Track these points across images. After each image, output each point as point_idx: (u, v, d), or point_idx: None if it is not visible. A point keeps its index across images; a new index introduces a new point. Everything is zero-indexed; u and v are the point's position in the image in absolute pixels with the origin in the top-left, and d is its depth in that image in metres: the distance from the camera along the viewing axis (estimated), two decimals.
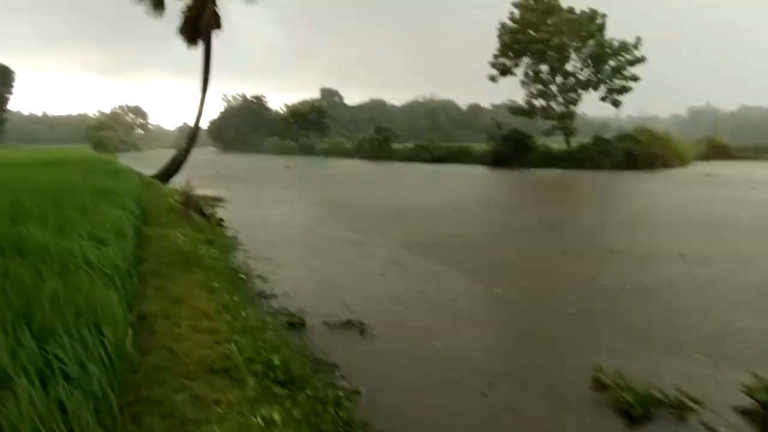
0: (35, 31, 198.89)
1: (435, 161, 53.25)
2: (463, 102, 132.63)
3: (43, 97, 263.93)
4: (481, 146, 55.34)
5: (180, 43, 24.64)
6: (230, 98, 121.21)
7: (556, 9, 43.75)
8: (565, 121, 46.75)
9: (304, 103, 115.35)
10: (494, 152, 48.12)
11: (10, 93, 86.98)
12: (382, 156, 62.54)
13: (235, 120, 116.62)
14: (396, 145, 65.65)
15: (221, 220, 14.61)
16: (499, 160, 46.38)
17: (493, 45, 47.83)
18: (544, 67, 46.17)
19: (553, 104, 47.26)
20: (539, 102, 48.01)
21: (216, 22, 24.05)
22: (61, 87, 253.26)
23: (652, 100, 45.15)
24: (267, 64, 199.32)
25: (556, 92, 46.71)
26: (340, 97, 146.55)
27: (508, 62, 46.61)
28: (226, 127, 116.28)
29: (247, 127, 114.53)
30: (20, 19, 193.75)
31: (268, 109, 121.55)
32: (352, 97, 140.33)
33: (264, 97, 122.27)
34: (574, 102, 47.00)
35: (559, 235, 13.26)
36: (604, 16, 44.21)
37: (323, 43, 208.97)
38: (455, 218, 16.34)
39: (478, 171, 42.79)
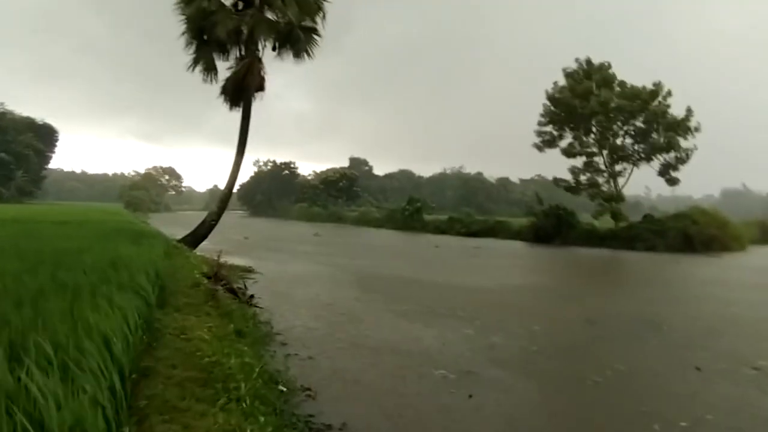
0: (85, 97, 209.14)
1: (470, 235, 51.16)
2: (491, 175, 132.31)
3: (84, 158, 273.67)
4: (518, 220, 53.17)
5: (214, 112, 23.69)
6: (261, 164, 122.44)
7: (609, 80, 42.52)
8: (613, 204, 44.39)
9: (333, 171, 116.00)
10: (535, 227, 45.83)
11: (53, 152, 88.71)
12: (414, 227, 60.74)
13: (265, 185, 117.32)
14: (428, 217, 63.88)
15: (252, 297, 12.47)
16: (539, 236, 44.09)
17: (523, 119, 46.93)
18: (589, 139, 44.49)
19: (599, 178, 45.19)
20: (584, 177, 45.94)
21: (260, 84, 22.96)
22: (102, 149, 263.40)
23: (684, 179, 42.57)
24: (297, 134, 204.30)
25: (603, 166, 44.73)
26: (369, 167, 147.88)
27: (555, 132, 45.06)
28: (256, 191, 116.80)
29: (276, 192, 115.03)
30: (73, 86, 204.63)
31: (297, 176, 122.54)
32: (381, 167, 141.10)
33: (294, 163, 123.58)
34: (620, 175, 44.85)
35: (666, 340, 10.69)
36: (668, 93, 42.71)
37: (353, 114, 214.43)
38: (520, 309, 13.92)
39: (517, 246, 40.43)
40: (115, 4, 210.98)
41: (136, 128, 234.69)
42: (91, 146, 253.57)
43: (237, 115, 23.61)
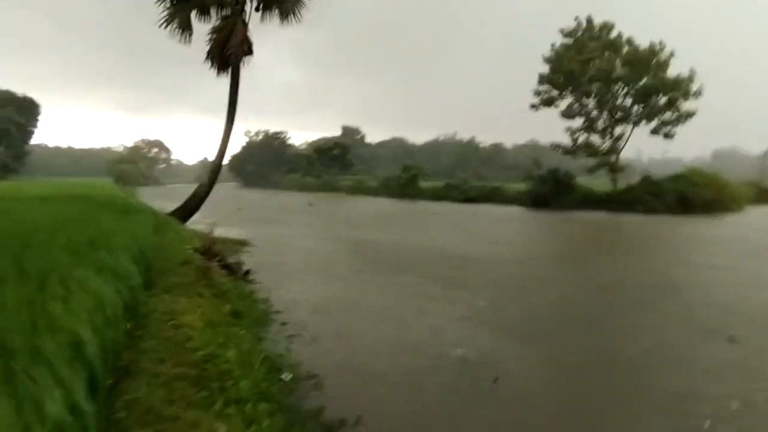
0: (65, 70, 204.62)
1: (467, 201, 50.51)
2: (483, 141, 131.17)
3: (70, 132, 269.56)
4: (515, 186, 52.49)
5: (202, 82, 22.49)
6: (252, 134, 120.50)
7: (611, 42, 41.36)
8: (609, 157, 43.71)
9: (326, 140, 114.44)
10: (532, 192, 45.16)
11: (35, 126, 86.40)
12: (410, 194, 59.97)
13: (257, 156, 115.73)
14: (424, 184, 63.05)
15: (248, 272, 11.74)
16: (537, 201, 43.44)
17: (515, 84, 45.81)
18: (589, 101, 43.49)
19: (598, 139, 44.46)
20: (582, 137, 45.13)
21: (247, 48, 21.76)
22: (87, 123, 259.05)
23: (674, 141, 41.78)
24: (288, 103, 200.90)
25: (603, 126, 43.84)
26: (362, 135, 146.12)
27: (554, 93, 44.02)
28: (247, 162, 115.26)
29: (268, 163, 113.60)
30: (52, 59, 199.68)
31: (289, 146, 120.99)
32: (374, 135, 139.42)
33: (286, 133, 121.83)
34: (620, 138, 44.06)
35: (688, 308, 10.08)
36: (671, 54, 41.59)
37: (343, 82, 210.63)
38: (530, 278, 13.28)
39: (515, 212, 39.85)
40: None
41: (122, 101, 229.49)
42: (76, 120, 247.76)
43: (225, 84, 22.53)
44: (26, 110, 79.84)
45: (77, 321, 3.76)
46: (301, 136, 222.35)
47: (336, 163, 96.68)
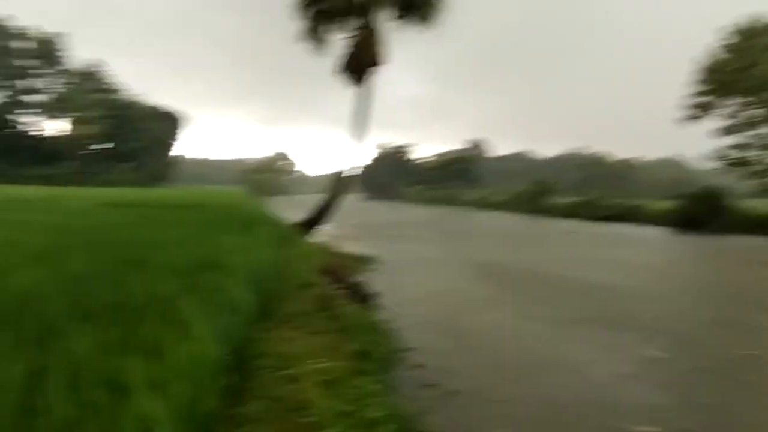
0: (212, 88, 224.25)
1: (600, 219, 46.60)
2: (613, 155, 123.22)
3: (210, 144, 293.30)
4: (658, 204, 47.65)
5: (332, 95, 22.21)
6: (382, 147, 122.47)
7: None
8: None
9: (451, 153, 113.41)
10: (679, 212, 40.43)
11: (179, 139, 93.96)
12: (539, 211, 56.80)
13: (382, 168, 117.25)
14: (555, 200, 59.51)
15: (373, 296, 10.63)
16: (685, 223, 38.74)
17: (648, 95, 41.12)
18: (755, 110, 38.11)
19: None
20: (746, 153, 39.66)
21: (380, 57, 21.10)
22: (226, 136, 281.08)
23: None
24: (414, 116, 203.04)
25: None
26: (487, 149, 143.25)
27: (707, 102, 39.19)
28: (374, 174, 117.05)
29: (393, 175, 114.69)
30: (198, 78, 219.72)
31: (414, 159, 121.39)
32: (499, 148, 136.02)
33: (411, 146, 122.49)
34: None
35: None
36: None
37: (469, 95, 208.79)
38: (712, 319, 10.91)
39: (660, 234, 35.72)
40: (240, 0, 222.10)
41: (257, 114, 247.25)
42: (217, 133, 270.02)
43: (354, 96, 22.09)
44: (173, 123, 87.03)
45: (156, 397, 2.71)
46: (426, 149, 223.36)
47: (461, 176, 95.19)
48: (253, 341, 5.03)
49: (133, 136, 78.80)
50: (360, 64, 20.84)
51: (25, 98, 76.45)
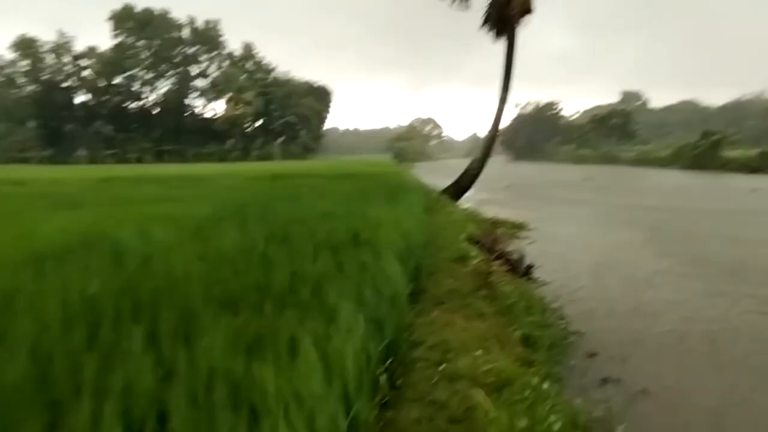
0: (356, 61, 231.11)
1: None
2: None
3: (359, 114, 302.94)
4: None
5: (473, 56, 21.01)
6: (522, 106, 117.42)
7: None
8: None
9: (602, 108, 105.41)
10: None
11: (328, 111, 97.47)
12: (710, 166, 50.50)
13: (528, 128, 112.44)
14: (730, 153, 52.45)
15: (530, 268, 9.66)
16: None
17: None
18: None
19: None
20: None
21: (527, 5, 19.46)
22: (372, 104, 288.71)
23: None
24: (561, 71, 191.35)
25: None
26: (643, 101, 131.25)
27: None
28: (518, 135, 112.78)
29: (540, 135, 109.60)
30: (345, 51, 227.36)
31: (562, 116, 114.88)
32: (659, 99, 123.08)
33: (558, 103, 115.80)
34: None
35: None
36: None
37: (621, 43, 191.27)
38: None
39: None
40: None
41: (401, 82, 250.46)
42: (365, 103, 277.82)
43: (496, 56, 20.74)
44: (322, 97, 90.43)
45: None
46: (574, 105, 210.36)
47: (615, 132, 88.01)
48: (407, 328, 4.48)
49: (285, 112, 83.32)
50: (505, 13, 19.36)
51: (193, 83, 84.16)
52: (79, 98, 77.07)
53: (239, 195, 12.28)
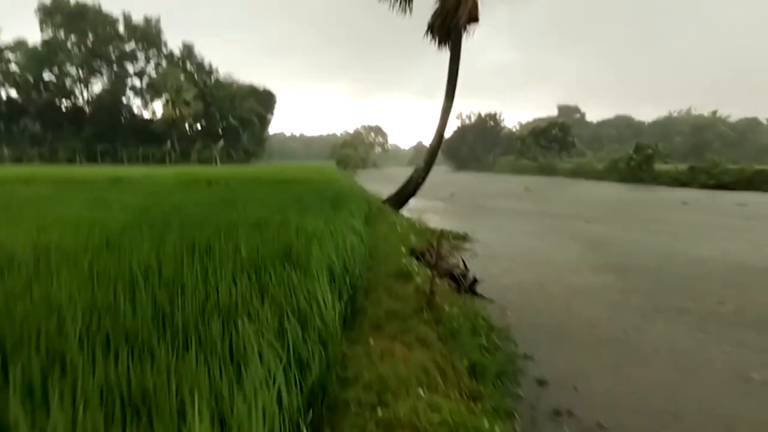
0: (304, 66, 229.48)
1: (719, 188, 42.10)
2: (727, 116, 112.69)
3: (304, 119, 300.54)
4: None
5: (418, 65, 20.75)
6: (464, 117, 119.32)
7: None
8: None
9: (542, 121, 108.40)
10: None
11: (272, 115, 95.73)
12: (643, 179, 52.48)
13: (469, 138, 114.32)
14: (661, 166, 54.72)
15: (475, 282, 9.24)
16: None
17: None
18: None
19: None
20: None
21: (473, 13, 19.28)
22: (317, 110, 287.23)
23: None
24: (501, 83, 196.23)
25: None
26: (581, 114, 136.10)
27: None
28: (461, 145, 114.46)
29: (481, 145, 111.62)
30: (291, 56, 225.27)
31: (503, 128, 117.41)
32: (594, 113, 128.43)
33: (499, 114, 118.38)
34: None
35: None
36: None
37: (560, 58, 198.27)
38: None
39: None
40: None
41: (347, 89, 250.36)
42: (310, 109, 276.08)
43: (441, 66, 20.54)
44: (266, 101, 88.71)
45: None
46: (514, 117, 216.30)
47: (554, 144, 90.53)
48: (338, 362, 3.88)
49: (227, 115, 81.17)
50: (450, 21, 19.14)
51: (129, 81, 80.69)
52: (3, 94, 72.44)
53: (168, 200, 11.33)
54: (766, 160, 71.07)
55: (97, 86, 78.13)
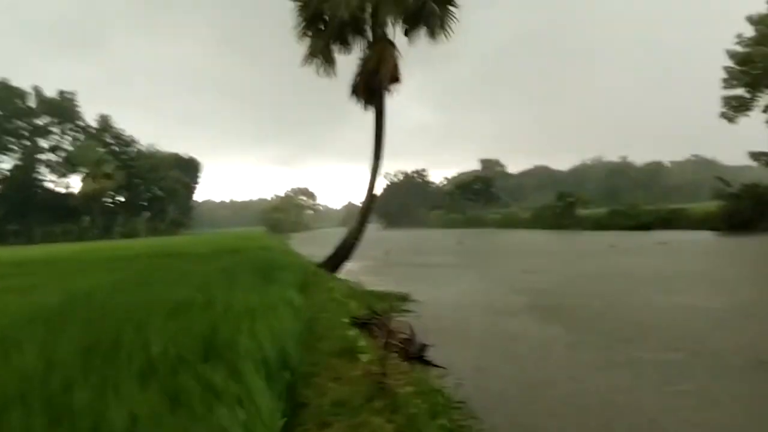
0: (228, 134, 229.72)
1: (639, 228, 44.08)
2: (634, 161, 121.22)
3: (231, 187, 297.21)
4: (700, 207, 45.06)
5: (344, 129, 20.81)
6: (391, 175, 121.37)
7: None
8: None
9: (467, 175, 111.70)
10: (727, 213, 37.86)
11: (197, 183, 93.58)
12: (567, 225, 54.39)
13: (399, 196, 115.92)
14: (583, 212, 57.05)
15: (424, 348, 8.56)
16: (735, 223, 36.25)
17: (661, 97, 39.02)
18: None
19: None
20: None
21: (394, 74, 19.46)
22: (245, 177, 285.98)
23: None
24: (423, 142, 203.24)
25: None
26: (502, 167, 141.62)
27: (747, 95, 36.80)
28: (390, 203, 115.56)
29: (410, 202, 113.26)
30: (217, 125, 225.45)
31: (430, 184, 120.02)
32: (514, 165, 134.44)
33: (426, 171, 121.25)
34: None
35: None
36: None
37: (477, 115, 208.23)
38: None
39: (714, 239, 33.16)
40: (250, 49, 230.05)
41: (273, 155, 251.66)
42: (235, 176, 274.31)
43: (365, 127, 20.58)
44: (190, 169, 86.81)
45: None
46: (440, 173, 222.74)
47: (480, 197, 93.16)
48: None
49: (151, 185, 78.54)
50: (373, 82, 19.23)
51: (43, 156, 76.81)
52: None
53: (74, 285, 10.12)
54: (675, 199, 75.94)
55: (7, 164, 73.80)
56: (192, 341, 4.55)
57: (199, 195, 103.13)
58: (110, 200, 77.67)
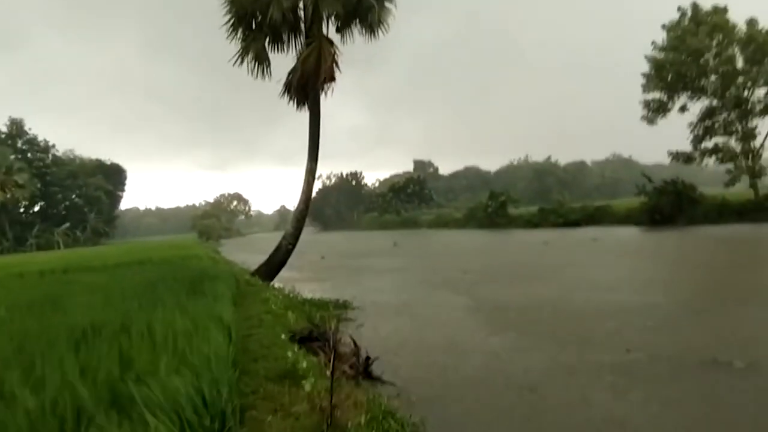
0: (155, 140, 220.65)
1: (568, 225, 45.43)
2: (559, 161, 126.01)
3: (158, 193, 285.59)
4: (623, 203, 47.00)
5: (275, 134, 19.83)
6: (325, 178, 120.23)
7: (722, 27, 35.26)
8: (747, 161, 37.40)
9: (400, 176, 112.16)
10: (649, 209, 39.54)
11: (123, 190, 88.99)
12: (500, 224, 55.40)
13: (333, 198, 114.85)
14: (514, 211, 58.32)
15: (369, 362, 7.95)
16: (657, 218, 37.94)
17: (582, 99, 40.77)
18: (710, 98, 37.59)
19: (733, 142, 38.23)
20: (707, 144, 39.15)
21: (331, 72, 18.77)
22: (174, 184, 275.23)
23: None
24: (356, 144, 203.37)
25: (738, 127, 37.55)
26: (434, 168, 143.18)
27: (664, 98, 38.50)
28: (324, 205, 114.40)
29: (345, 204, 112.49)
30: (144, 131, 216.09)
31: (364, 186, 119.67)
32: (446, 167, 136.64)
33: (360, 173, 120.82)
34: (754, 137, 37.61)
35: None
36: None
37: (408, 118, 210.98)
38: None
39: (638, 233, 34.50)
40: (179, 50, 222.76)
41: (203, 160, 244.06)
42: (163, 183, 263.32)
43: (297, 131, 19.82)
44: (114, 176, 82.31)
45: None
46: (373, 175, 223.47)
47: (413, 198, 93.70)
48: None
49: (69, 194, 73.91)
50: (310, 80, 18.47)
51: None
52: None
53: None
54: (598, 197, 79.26)
55: None
56: (99, 383, 3.74)
57: (125, 203, 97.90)
58: (23, 210, 72.46)
